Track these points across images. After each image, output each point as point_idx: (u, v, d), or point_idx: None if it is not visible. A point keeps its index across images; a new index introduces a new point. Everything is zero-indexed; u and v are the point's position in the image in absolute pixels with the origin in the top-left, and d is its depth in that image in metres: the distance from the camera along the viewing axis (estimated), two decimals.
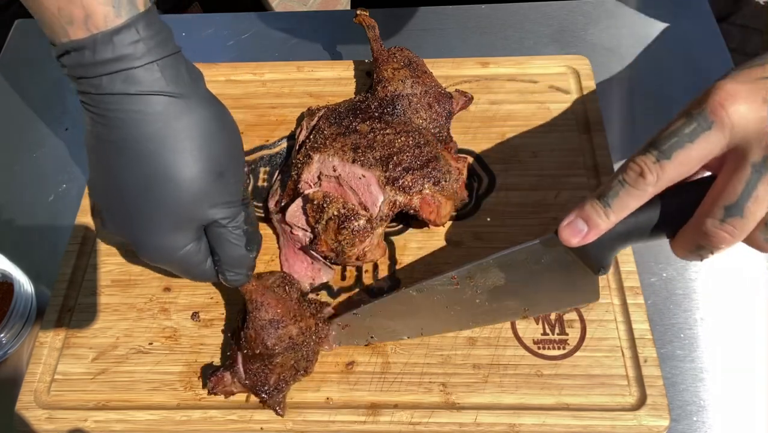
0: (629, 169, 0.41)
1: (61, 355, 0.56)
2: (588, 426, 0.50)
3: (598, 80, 0.71)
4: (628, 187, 0.41)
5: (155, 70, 0.42)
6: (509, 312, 0.54)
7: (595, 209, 0.43)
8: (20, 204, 0.68)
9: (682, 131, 0.39)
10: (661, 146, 0.39)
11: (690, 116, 0.39)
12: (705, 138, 0.38)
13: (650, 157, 0.40)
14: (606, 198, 0.42)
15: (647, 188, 0.41)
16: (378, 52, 0.67)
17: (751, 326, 0.56)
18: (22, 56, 0.81)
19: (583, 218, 0.44)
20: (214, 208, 0.46)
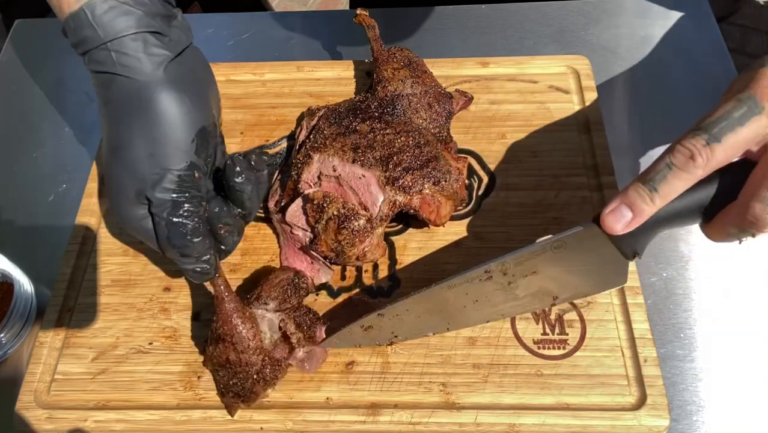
0: (677, 152, 0.40)
1: (61, 355, 0.56)
2: (588, 426, 0.50)
3: (598, 80, 0.71)
4: (676, 171, 0.40)
5: (105, 51, 0.47)
6: (537, 302, 0.53)
7: (640, 194, 0.42)
8: (20, 204, 0.68)
9: (732, 115, 0.39)
10: (711, 129, 0.39)
11: (740, 101, 0.39)
12: (755, 122, 0.39)
13: (700, 141, 0.39)
14: (653, 182, 0.41)
15: (696, 171, 0.40)
16: (378, 52, 0.67)
17: (751, 325, 0.56)
18: (22, 56, 0.81)
19: (627, 204, 0.43)
20: (150, 189, 0.48)
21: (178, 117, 0.49)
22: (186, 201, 0.49)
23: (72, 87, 0.78)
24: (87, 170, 0.67)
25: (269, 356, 0.51)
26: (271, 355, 0.51)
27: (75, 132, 0.73)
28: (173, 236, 0.49)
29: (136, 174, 0.48)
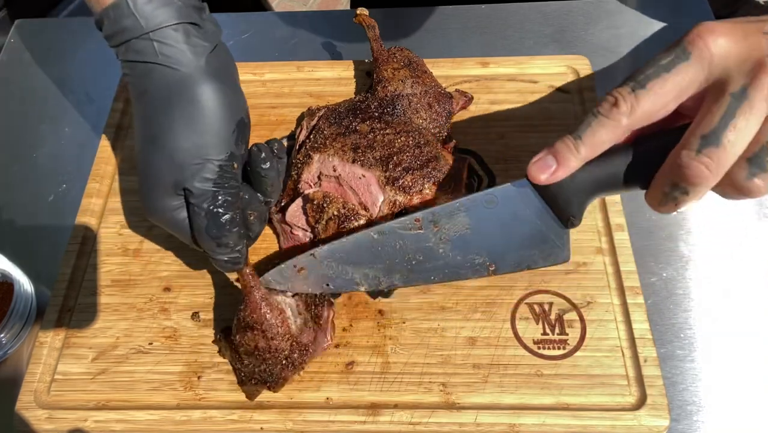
0: (603, 101, 0.40)
1: (61, 355, 0.56)
2: (588, 426, 0.50)
3: (598, 80, 0.71)
4: (600, 118, 0.40)
5: (147, 40, 0.47)
6: (474, 267, 0.51)
7: (565, 144, 0.41)
8: (20, 204, 0.68)
9: (658, 62, 0.39)
10: (637, 77, 0.39)
11: (668, 49, 0.38)
12: (682, 68, 0.38)
13: (626, 88, 0.39)
14: (578, 131, 0.41)
15: (621, 119, 0.39)
16: (378, 52, 0.67)
17: (751, 325, 0.56)
18: (22, 56, 0.81)
19: (552, 153, 0.42)
20: (191, 180, 0.48)
21: (219, 107, 0.49)
22: (225, 191, 0.49)
23: (72, 87, 0.78)
24: (87, 170, 0.67)
25: (296, 341, 0.52)
26: (299, 340, 0.52)
27: (75, 132, 0.73)
28: (212, 226, 0.49)
29: (175, 164, 0.48)
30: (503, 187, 0.47)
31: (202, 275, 0.60)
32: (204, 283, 0.59)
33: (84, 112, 0.75)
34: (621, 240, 0.58)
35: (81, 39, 0.83)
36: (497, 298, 0.56)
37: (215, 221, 0.49)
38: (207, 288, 0.59)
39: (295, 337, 0.52)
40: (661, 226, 0.62)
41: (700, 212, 0.63)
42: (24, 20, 0.85)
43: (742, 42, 0.37)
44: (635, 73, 0.39)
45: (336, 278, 0.52)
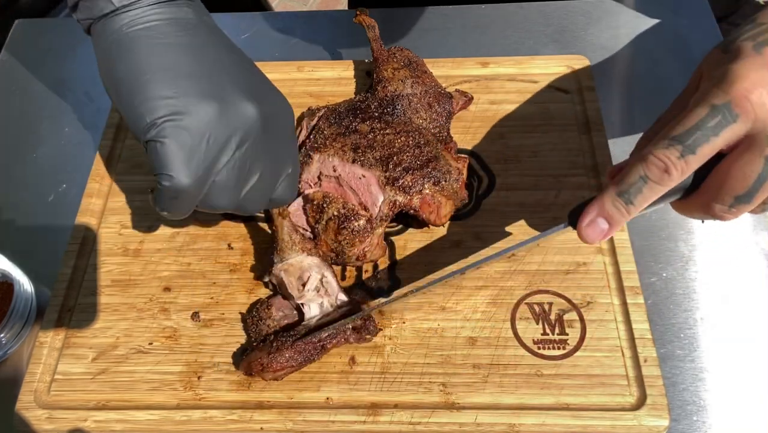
0: (652, 164, 0.40)
1: (61, 355, 0.56)
2: (588, 426, 0.50)
3: (598, 80, 0.71)
4: (651, 184, 0.40)
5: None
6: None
7: (617, 208, 0.42)
8: (20, 204, 0.68)
9: (706, 124, 0.38)
10: (685, 140, 0.39)
11: (714, 108, 0.38)
12: (730, 130, 0.38)
13: (674, 152, 0.39)
14: (628, 195, 0.41)
15: (671, 184, 0.40)
16: (378, 52, 0.67)
17: (751, 326, 0.56)
18: (22, 56, 0.81)
19: (604, 216, 0.43)
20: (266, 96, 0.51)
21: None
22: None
23: (72, 87, 0.78)
24: (87, 170, 0.66)
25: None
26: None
27: (75, 132, 0.73)
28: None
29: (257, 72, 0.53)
30: (549, 234, 0.49)
31: (202, 274, 0.60)
32: (204, 283, 0.59)
33: (84, 112, 0.75)
34: (621, 240, 0.58)
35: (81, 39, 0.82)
36: (497, 298, 0.56)
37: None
38: (207, 288, 0.59)
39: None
40: (661, 226, 0.62)
41: None
42: (24, 20, 0.85)
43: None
44: (681, 134, 0.39)
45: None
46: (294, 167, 0.54)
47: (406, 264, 0.59)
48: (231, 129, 0.47)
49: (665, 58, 0.75)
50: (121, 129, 0.70)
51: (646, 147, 0.41)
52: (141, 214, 0.64)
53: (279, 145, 0.52)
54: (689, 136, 0.39)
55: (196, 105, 0.46)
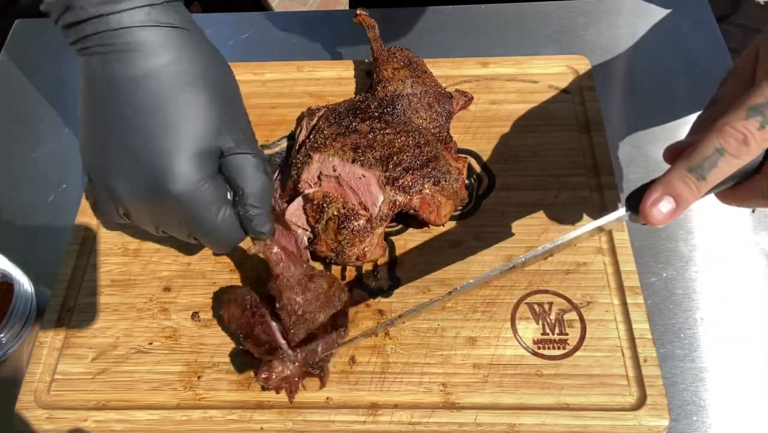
0: (729, 136, 0.37)
1: (61, 355, 0.56)
2: (588, 426, 0.50)
3: (598, 80, 0.71)
4: (728, 157, 0.37)
5: (163, 6, 0.45)
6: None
7: (686, 184, 0.38)
8: (20, 204, 0.68)
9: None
10: (764, 110, 0.36)
11: None
12: None
13: (754, 123, 0.36)
14: (701, 170, 0.38)
15: (748, 157, 0.37)
16: (378, 52, 0.67)
17: (751, 326, 0.56)
18: (22, 56, 0.81)
19: (671, 194, 0.39)
20: (228, 135, 0.47)
21: (234, 82, 0.51)
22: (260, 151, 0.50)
23: (72, 87, 0.78)
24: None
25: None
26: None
27: (75, 132, 0.73)
28: (267, 172, 0.49)
29: (210, 123, 0.46)
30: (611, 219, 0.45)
31: (202, 274, 0.60)
32: (204, 283, 0.59)
33: None
34: (621, 240, 0.58)
35: None
36: (497, 298, 0.56)
37: (266, 168, 0.50)
38: (207, 288, 0.59)
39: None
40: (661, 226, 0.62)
41: (700, 213, 0.63)
42: (24, 20, 0.85)
43: None
44: (759, 104, 0.37)
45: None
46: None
47: (406, 264, 0.59)
48: None
49: (665, 58, 0.75)
50: None
51: (719, 120, 0.38)
52: None
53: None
54: (766, 105, 0.36)
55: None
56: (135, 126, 0.46)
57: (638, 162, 0.67)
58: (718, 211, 0.63)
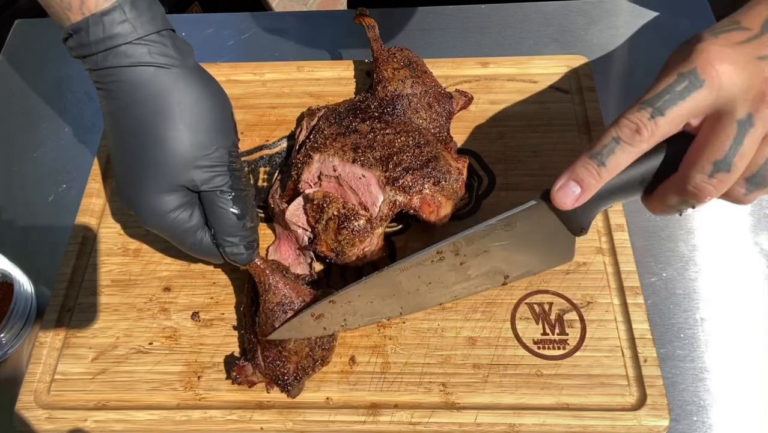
0: (623, 126, 0.41)
1: (61, 355, 0.56)
2: (588, 426, 0.50)
3: (598, 80, 0.71)
4: (623, 145, 0.42)
5: (142, 45, 0.48)
6: (488, 282, 0.54)
7: (588, 170, 0.43)
8: (20, 204, 0.68)
9: (674, 89, 0.40)
10: (655, 103, 0.41)
11: (681, 75, 0.40)
12: (696, 95, 0.40)
13: (645, 114, 0.41)
14: (600, 156, 0.42)
15: (642, 145, 0.41)
16: (378, 52, 0.67)
17: (751, 326, 0.56)
18: (22, 56, 0.81)
19: (575, 179, 0.44)
20: (198, 171, 0.50)
21: (219, 97, 0.52)
22: (241, 174, 0.52)
23: (72, 87, 0.78)
24: (87, 170, 0.67)
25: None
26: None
27: (75, 132, 0.73)
28: (245, 208, 0.51)
29: (179, 159, 0.49)
30: (521, 210, 0.48)
31: (202, 274, 0.60)
32: (204, 283, 0.59)
33: (84, 112, 0.75)
34: (621, 240, 0.58)
35: None
36: (497, 298, 0.56)
37: (240, 202, 0.51)
38: (207, 288, 0.59)
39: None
40: (661, 226, 0.62)
41: (700, 213, 0.63)
42: (24, 20, 0.85)
43: (743, 70, 0.39)
44: (651, 98, 0.41)
45: (354, 315, 0.52)
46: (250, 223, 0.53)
47: None
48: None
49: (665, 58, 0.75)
50: None
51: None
52: None
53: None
54: (659, 99, 0.40)
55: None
56: (117, 158, 0.51)
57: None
58: (718, 212, 0.63)
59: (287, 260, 0.59)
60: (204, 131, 0.50)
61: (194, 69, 0.51)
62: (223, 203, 0.51)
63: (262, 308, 0.51)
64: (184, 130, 0.49)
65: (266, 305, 0.51)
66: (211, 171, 0.50)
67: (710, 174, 0.40)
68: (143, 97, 0.49)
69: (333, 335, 0.53)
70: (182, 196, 0.50)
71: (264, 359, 0.51)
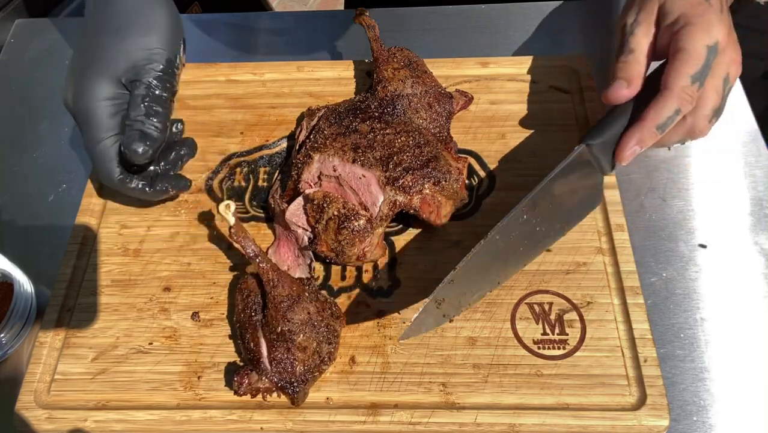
0: (683, 100, 0.50)
1: (61, 355, 0.56)
2: (588, 426, 0.50)
3: (598, 80, 0.71)
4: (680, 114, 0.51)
5: None
6: (553, 234, 0.57)
7: (653, 138, 0.51)
8: (20, 204, 0.68)
9: (708, 64, 0.51)
10: (701, 77, 0.51)
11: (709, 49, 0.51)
12: (718, 62, 0.52)
13: (695, 87, 0.50)
14: (664, 127, 0.51)
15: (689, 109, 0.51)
16: (378, 52, 0.67)
17: (751, 326, 0.56)
18: (22, 56, 0.81)
19: (644, 145, 0.52)
20: (140, 65, 0.56)
21: (175, 14, 0.60)
22: (171, 83, 0.58)
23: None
24: (87, 170, 0.67)
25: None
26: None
27: (75, 132, 0.73)
28: (152, 103, 0.56)
29: (132, 53, 0.56)
30: (567, 160, 0.54)
31: (202, 274, 0.60)
32: (204, 283, 0.59)
33: None
34: (621, 240, 0.58)
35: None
36: (497, 298, 0.56)
37: (158, 100, 0.57)
38: (207, 288, 0.59)
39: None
40: (661, 226, 0.62)
41: (700, 212, 0.63)
42: (24, 20, 0.85)
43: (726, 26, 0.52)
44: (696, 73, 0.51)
45: (468, 293, 0.53)
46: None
47: (406, 264, 0.59)
48: None
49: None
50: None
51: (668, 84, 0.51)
52: (141, 214, 0.64)
53: None
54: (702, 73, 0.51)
55: None
56: (78, 48, 0.59)
57: (638, 162, 0.67)
58: (718, 212, 0.63)
59: (287, 261, 0.59)
60: (162, 35, 0.57)
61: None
62: (144, 93, 0.56)
63: (270, 304, 0.51)
64: (139, 29, 0.57)
65: (275, 300, 0.51)
66: (148, 67, 0.56)
67: (690, 84, 0.50)
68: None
69: (337, 331, 0.53)
70: (117, 89, 0.56)
71: (270, 361, 0.51)
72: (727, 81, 0.51)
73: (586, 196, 0.58)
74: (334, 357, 0.53)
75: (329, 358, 0.52)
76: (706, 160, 0.67)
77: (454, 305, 0.53)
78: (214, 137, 0.69)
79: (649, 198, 0.64)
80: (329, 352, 0.52)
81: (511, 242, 0.53)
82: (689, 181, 0.65)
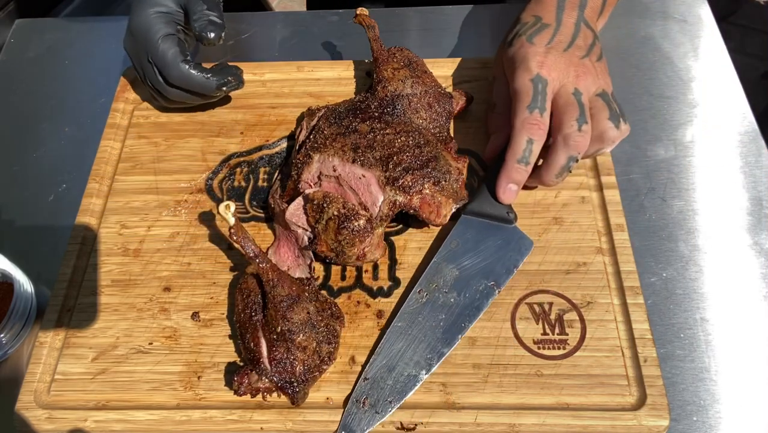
0: (530, 129, 0.55)
1: (61, 355, 0.56)
2: (588, 426, 0.50)
3: None
4: (536, 142, 0.55)
5: None
6: (484, 295, 0.55)
7: (519, 171, 0.56)
8: (20, 204, 0.68)
9: (538, 93, 0.56)
10: (536, 105, 0.55)
11: (534, 78, 0.57)
12: (549, 92, 0.57)
13: (536, 114, 0.55)
14: (525, 159, 0.56)
15: (543, 136, 0.56)
16: (378, 52, 0.67)
17: (751, 326, 0.56)
18: (22, 56, 0.81)
19: (513, 181, 0.57)
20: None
21: None
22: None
23: (72, 87, 0.78)
24: (87, 170, 0.66)
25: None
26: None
27: (75, 132, 0.73)
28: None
29: None
30: (453, 231, 0.58)
31: (202, 274, 0.60)
32: (204, 283, 0.59)
33: (84, 112, 0.75)
34: (621, 240, 0.58)
35: (81, 39, 0.83)
36: (497, 298, 0.56)
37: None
38: (207, 288, 0.59)
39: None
40: (661, 226, 0.62)
41: (700, 212, 0.63)
42: (24, 20, 0.85)
43: (566, 65, 0.57)
44: (531, 103, 0.56)
45: (396, 385, 0.52)
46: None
47: (406, 264, 0.59)
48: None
49: (665, 58, 0.75)
50: (120, 129, 0.70)
51: (513, 122, 0.56)
52: (141, 214, 0.64)
53: None
54: (536, 102, 0.55)
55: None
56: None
57: (638, 162, 0.67)
58: (718, 212, 0.63)
59: (287, 262, 0.59)
60: None
61: None
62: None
63: (270, 304, 0.51)
64: None
65: (275, 300, 0.51)
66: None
67: (578, 128, 0.54)
68: None
69: (337, 331, 0.53)
70: (168, 4, 0.63)
71: (270, 361, 0.51)
72: (579, 93, 0.55)
73: (510, 247, 0.58)
74: (334, 357, 0.53)
75: (329, 358, 0.52)
76: (706, 160, 0.67)
77: (384, 399, 0.51)
78: (214, 137, 0.69)
79: (649, 198, 0.64)
80: (329, 352, 0.52)
81: (422, 322, 0.54)
82: (689, 181, 0.65)
